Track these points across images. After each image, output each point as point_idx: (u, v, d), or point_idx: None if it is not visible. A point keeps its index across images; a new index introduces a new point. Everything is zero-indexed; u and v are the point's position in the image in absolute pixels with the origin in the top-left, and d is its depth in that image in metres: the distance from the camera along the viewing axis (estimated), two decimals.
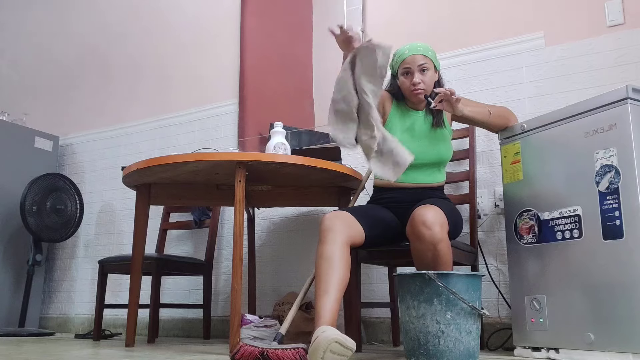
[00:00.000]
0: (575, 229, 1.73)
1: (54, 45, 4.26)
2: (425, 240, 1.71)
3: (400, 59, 2.02)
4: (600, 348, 1.61)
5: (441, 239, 1.71)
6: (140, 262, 2.31)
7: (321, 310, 1.64)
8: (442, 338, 1.52)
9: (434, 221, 1.71)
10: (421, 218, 1.72)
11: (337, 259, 1.73)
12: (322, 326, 1.57)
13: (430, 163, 2.03)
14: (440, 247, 1.71)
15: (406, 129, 2.05)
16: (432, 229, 1.70)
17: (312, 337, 1.55)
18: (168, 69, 3.65)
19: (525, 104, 2.46)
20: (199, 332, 3.07)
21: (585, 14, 2.41)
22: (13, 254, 3.49)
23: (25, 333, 3.14)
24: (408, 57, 2.00)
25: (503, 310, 2.34)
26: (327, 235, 1.77)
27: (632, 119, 1.62)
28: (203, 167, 2.11)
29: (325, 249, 1.75)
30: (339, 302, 1.68)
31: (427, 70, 2.00)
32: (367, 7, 2.97)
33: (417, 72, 1.99)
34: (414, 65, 1.99)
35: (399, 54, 2.03)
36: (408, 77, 2.01)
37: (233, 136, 3.25)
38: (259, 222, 3.03)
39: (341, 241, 1.77)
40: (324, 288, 1.69)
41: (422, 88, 1.98)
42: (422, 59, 1.99)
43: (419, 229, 1.72)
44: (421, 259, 1.76)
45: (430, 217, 1.72)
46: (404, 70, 2.01)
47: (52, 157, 3.82)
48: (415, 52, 2.00)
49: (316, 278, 1.74)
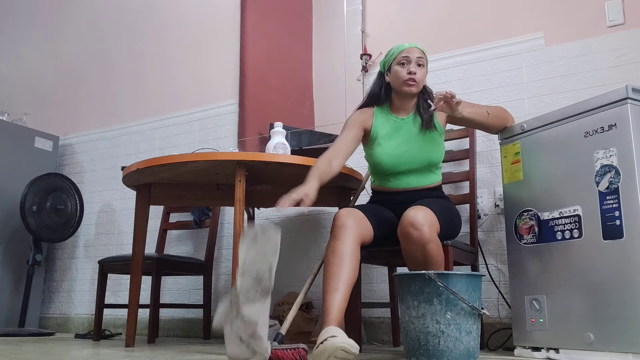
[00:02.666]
0: (575, 229, 1.73)
1: (54, 45, 4.26)
2: (414, 240, 1.72)
3: (399, 50, 2.03)
4: (600, 348, 1.61)
5: (430, 240, 1.72)
6: (140, 262, 2.31)
7: (330, 307, 1.66)
8: (442, 338, 1.52)
9: (423, 222, 1.72)
10: (410, 219, 1.73)
11: (349, 256, 1.75)
12: (330, 327, 1.60)
13: (420, 167, 2.02)
14: (430, 247, 1.73)
15: (393, 136, 2.04)
16: (421, 229, 1.71)
17: (318, 335, 1.57)
18: (168, 69, 3.65)
19: (525, 104, 2.46)
20: (199, 332, 3.07)
21: (585, 14, 2.41)
22: (13, 254, 3.49)
23: (25, 333, 3.14)
24: (408, 47, 2.02)
25: (503, 310, 2.34)
26: (341, 231, 1.78)
27: (632, 119, 1.62)
28: (203, 167, 2.11)
29: (338, 245, 1.76)
30: (347, 300, 1.70)
31: (423, 66, 2.02)
32: (367, 7, 2.97)
33: (414, 63, 2.00)
34: (413, 55, 2.00)
35: (396, 48, 2.05)
36: (405, 66, 2.01)
37: (233, 136, 3.25)
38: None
39: (354, 239, 1.78)
40: (334, 285, 1.70)
41: (417, 79, 1.99)
42: (420, 53, 2.02)
43: (408, 230, 1.73)
44: (411, 258, 1.78)
45: (420, 218, 1.73)
46: (402, 58, 2.01)
47: (52, 157, 3.82)
48: (414, 45, 2.03)
49: (326, 274, 1.74)
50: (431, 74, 2.70)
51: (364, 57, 2.87)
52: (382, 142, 2.04)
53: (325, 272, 1.75)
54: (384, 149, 2.03)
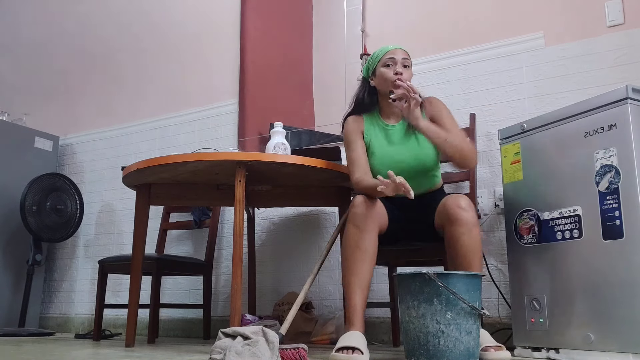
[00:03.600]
0: (575, 229, 1.73)
1: (54, 45, 4.26)
2: (463, 222, 1.71)
3: (383, 52, 2.02)
4: (600, 348, 1.61)
5: (476, 223, 1.73)
6: (140, 262, 2.31)
7: (355, 308, 1.68)
8: (442, 338, 1.52)
9: (468, 205, 1.73)
10: (456, 202, 1.73)
11: (372, 251, 1.74)
12: (356, 332, 1.65)
13: (418, 174, 1.98)
14: (476, 231, 1.72)
15: (386, 147, 2.01)
16: (469, 211, 1.72)
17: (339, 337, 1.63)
18: (168, 68, 3.65)
19: (525, 104, 2.46)
20: (199, 332, 3.07)
21: (585, 14, 2.41)
22: (13, 254, 3.49)
23: (25, 333, 3.14)
24: (392, 49, 2.02)
25: (503, 310, 2.34)
26: (365, 221, 1.75)
27: (632, 119, 1.62)
28: (203, 167, 2.11)
29: (362, 238, 1.74)
30: (367, 298, 1.73)
31: (408, 67, 2.01)
32: (367, 7, 2.97)
33: (400, 64, 1.99)
34: (398, 56, 1.99)
35: (379, 50, 2.04)
36: (390, 67, 1.99)
37: (233, 136, 3.25)
38: (259, 222, 3.03)
39: (375, 230, 1.78)
40: (358, 283, 1.70)
41: (404, 79, 1.94)
42: (405, 54, 2.01)
43: (456, 211, 1.72)
44: (459, 244, 1.71)
45: (465, 202, 1.73)
46: (387, 60, 2.00)
47: (52, 157, 3.82)
48: (399, 47, 2.03)
49: (349, 268, 1.73)
50: (431, 74, 2.70)
51: (364, 57, 2.87)
52: (376, 152, 2.01)
53: (348, 266, 1.74)
54: (380, 159, 1.99)
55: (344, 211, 2.33)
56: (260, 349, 1.46)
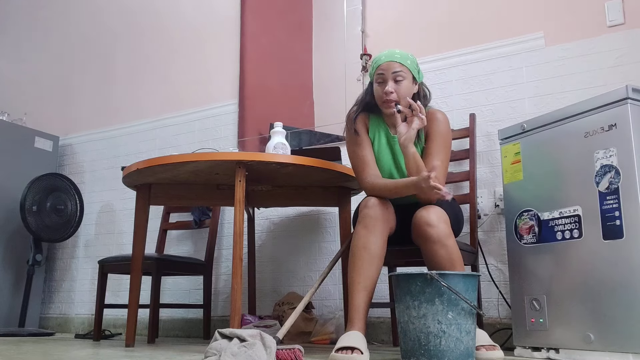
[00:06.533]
0: (575, 229, 1.73)
1: (54, 45, 4.26)
2: (433, 238, 1.70)
3: (376, 64, 1.92)
4: (600, 348, 1.61)
5: (449, 234, 1.71)
6: (140, 262, 2.31)
7: (357, 308, 1.67)
8: (444, 338, 1.52)
9: (438, 219, 1.71)
10: (424, 219, 1.72)
11: (379, 253, 1.73)
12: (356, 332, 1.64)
13: None
14: (450, 242, 1.71)
15: (385, 156, 1.99)
16: (438, 226, 1.70)
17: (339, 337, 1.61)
18: (168, 69, 3.65)
19: (525, 104, 2.46)
20: (199, 332, 3.07)
21: (585, 14, 2.41)
22: (13, 254, 3.49)
23: (25, 333, 3.14)
24: (383, 63, 1.89)
25: (503, 310, 2.34)
26: (376, 223, 1.74)
27: (632, 119, 1.62)
28: (203, 167, 2.11)
29: (371, 240, 1.73)
30: (371, 300, 1.72)
31: (403, 80, 1.88)
32: (367, 7, 2.97)
33: (390, 81, 1.87)
34: (388, 72, 1.87)
35: (374, 61, 1.93)
36: (381, 85, 1.90)
37: (233, 136, 3.25)
38: (259, 222, 3.03)
39: (385, 233, 1.76)
40: (363, 283, 1.70)
41: (393, 99, 1.86)
42: (397, 67, 1.87)
43: (424, 230, 1.71)
44: (436, 259, 1.72)
45: (433, 216, 1.72)
46: (377, 77, 1.91)
47: (52, 157, 3.82)
48: (391, 59, 1.88)
49: (355, 269, 1.72)
50: (431, 73, 2.70)
51: (364, 57, 2.87)
52: (376, 156, 2.00)
53: (354, 267, 1.73)
54: (380, 167, 1.98)
55: (344, 211, 2.33)
56: (257, 352, 1.45)
